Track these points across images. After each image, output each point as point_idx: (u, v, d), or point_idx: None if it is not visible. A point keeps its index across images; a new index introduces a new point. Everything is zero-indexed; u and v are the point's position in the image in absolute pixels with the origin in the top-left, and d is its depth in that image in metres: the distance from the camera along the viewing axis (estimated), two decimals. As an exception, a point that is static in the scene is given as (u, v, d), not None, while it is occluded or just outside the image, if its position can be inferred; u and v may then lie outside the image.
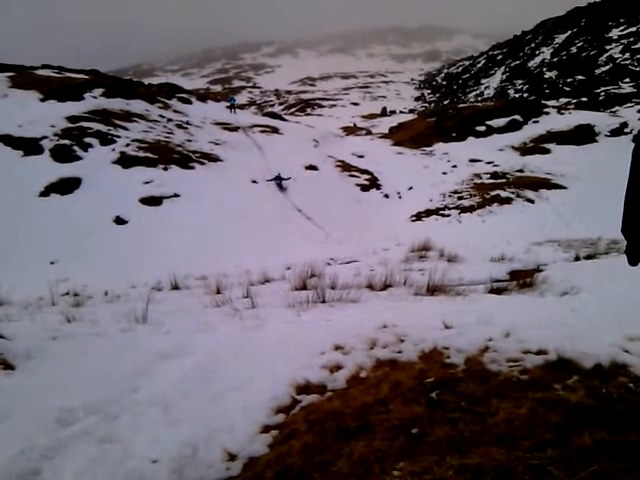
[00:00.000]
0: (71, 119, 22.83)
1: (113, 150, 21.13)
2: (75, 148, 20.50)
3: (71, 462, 2.70)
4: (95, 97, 26.95)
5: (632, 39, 57.07)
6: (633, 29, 58.73)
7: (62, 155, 19.93)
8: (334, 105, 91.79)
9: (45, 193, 17.59)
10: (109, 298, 8.59)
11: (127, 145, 21.81)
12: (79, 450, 2.80)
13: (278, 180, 22.76)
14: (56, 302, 7.59)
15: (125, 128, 23.78)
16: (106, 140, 21.75)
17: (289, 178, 23.01)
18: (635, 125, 28.13)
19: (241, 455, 2.68)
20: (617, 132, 29.03)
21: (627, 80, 49.29)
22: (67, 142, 20.64)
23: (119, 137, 22.42)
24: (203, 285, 8.78)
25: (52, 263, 14.02)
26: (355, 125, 52.67)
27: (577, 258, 10.56)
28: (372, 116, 63.63)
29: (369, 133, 44.04)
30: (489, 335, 3.79)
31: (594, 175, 22.33)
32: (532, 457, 2.09)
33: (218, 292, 7.71)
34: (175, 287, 9.33)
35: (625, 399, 2.52)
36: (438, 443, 2.34)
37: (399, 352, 3.82)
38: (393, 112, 67.34)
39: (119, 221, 16.81)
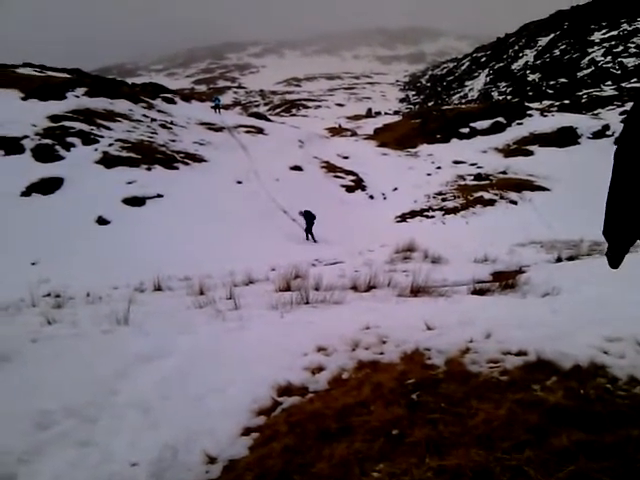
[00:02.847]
0: (53, 118, 22.62)
1: (96, 150, 20.97)
2: (57, 148, 20.31)
3: (49, 466, 2.64)
4: (78, 96, 26.77)
5: (613, 42, 58.00)
6: (614, 32, 59.66)
7: (44, 155, 19.73)
8: (319, 106, 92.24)
9: (27, 193, 17.39)
10: (91, 299, 8.49)
11: (110, 145, 21.65)
12: (57, 454, 2.75)
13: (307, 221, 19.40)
14: (37, 303, 7.49)
15: (108, 128, 23.59)
16: (89, 140, 21.57)
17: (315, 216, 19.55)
18: (617, 127, 28.44)
19: (221, 458, 2.66)
20: (599, 134, 29.44)
21: (609, 83, 50.09)
22: (49, 142, 20.43)
23: (102, 137, 22.24)
24: (186, 286, 8.72)
25: (33, 264, 13.84)
26: (340, 126, 52.73)
27: (559, 259, 10.67)
28: (357, 117, 63.93)
29: (354, 134, 44.14)
30: (470, 336, 3.81)
31: (576, 177, 22.59)
32: (510, 458, 2.10)
33: (201, 293, 7.65)
34: (158, 288, 9.26)
35: (602, 400, 2.55)
36: (417, 444, 2.34)
37: (381, 353, 3.83)
38: (378, 113, 67.78)
39: (101, 221, 16.65)
